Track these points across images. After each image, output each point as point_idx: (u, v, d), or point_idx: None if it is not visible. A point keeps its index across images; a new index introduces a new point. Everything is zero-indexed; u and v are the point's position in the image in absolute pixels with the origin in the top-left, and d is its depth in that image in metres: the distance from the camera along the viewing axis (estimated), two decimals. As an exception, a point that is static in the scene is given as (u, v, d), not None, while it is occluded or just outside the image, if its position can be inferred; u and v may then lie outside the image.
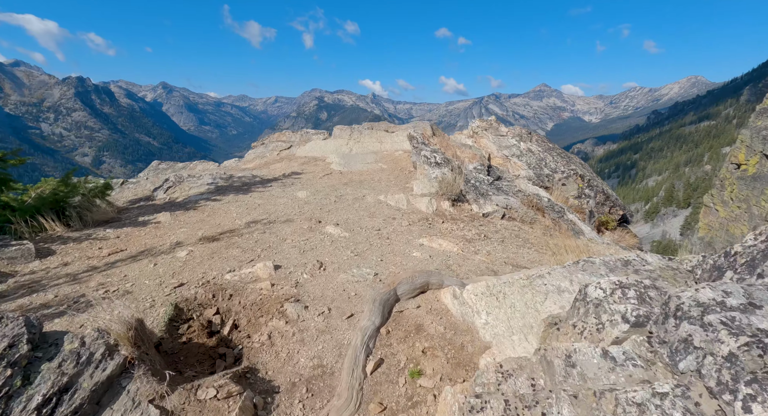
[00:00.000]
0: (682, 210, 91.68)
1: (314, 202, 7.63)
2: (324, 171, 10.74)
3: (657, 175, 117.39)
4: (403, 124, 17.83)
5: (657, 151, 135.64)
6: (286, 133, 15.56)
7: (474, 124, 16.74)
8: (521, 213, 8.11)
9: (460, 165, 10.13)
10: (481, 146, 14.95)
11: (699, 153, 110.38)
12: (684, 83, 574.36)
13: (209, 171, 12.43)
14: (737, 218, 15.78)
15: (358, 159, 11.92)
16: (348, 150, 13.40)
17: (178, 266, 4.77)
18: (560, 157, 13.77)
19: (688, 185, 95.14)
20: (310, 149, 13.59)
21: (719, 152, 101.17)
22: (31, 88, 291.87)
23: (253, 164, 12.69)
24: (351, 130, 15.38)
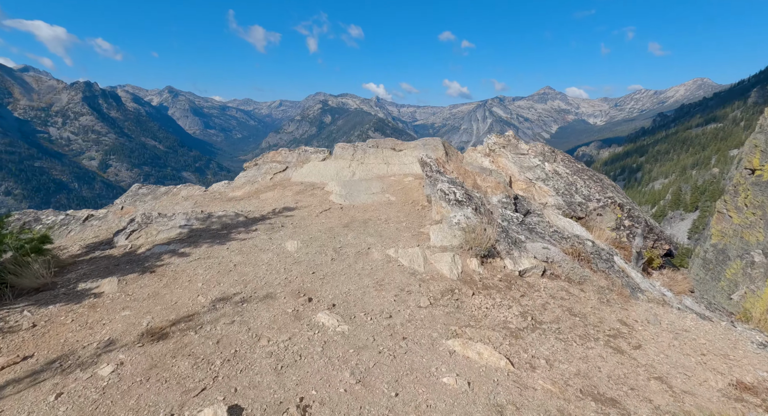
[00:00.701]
0: (690, 214, 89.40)
1: (306, 260, 6.00)
2: (322, 205, 9.14)
3: (663, 178, 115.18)
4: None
5: (663, 154, 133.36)
6: (282, 152, 14.02)
7: (490, 140, 15.09)
8: (566, 269, 6.46)
9: (484, 201, 8.49)
10: (500, 166, 13.28)
11: (706, 156, 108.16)
12: (690, 85, 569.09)
13: (192, 198, 10.89)
14: (752, 225, 15.15)
15: (362, 188, 10.30)
16: (350, 174, 11.80)
17: (90, 402, 3.17)
18: (592, 181, 12.05)
19: (696, 188, 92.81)
20: (308, 173, 12.01)
21: (727, 155, 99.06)
22: (39, 93, 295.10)
23: (241, 192, 11.12)
24: (354, 148, 13.80)
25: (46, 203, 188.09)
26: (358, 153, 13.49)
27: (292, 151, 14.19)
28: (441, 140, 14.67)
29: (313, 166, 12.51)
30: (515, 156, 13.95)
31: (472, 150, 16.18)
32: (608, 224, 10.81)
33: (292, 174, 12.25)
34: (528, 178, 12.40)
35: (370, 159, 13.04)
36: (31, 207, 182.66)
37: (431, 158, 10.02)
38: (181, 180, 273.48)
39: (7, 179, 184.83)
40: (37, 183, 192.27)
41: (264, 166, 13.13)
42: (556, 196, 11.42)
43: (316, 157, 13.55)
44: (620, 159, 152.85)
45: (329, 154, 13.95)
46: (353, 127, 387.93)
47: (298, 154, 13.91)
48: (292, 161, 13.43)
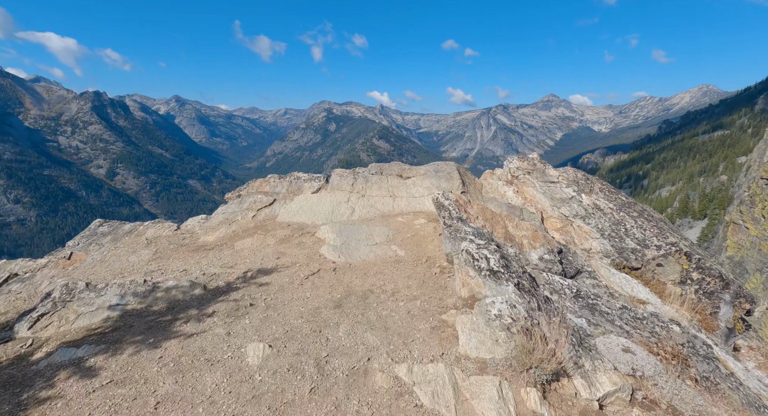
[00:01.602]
0: (698, 221, 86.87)
1: (271, 390, 3.88)
2: (309, 263, 7.05)
3: (670, 185, 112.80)
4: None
5: (669, 161, 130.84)
6: (271, 179, 12.04)
7: (512, 164, 12.92)
8: (667, 391, 4.29)
9: (522, 261, 6.38)
10: (526, 198, 11.10)
11: (713, 163, 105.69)
12: (695, 92, 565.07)
13: (156, 242, 8.88)
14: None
15: (362, 234, 8.21)
16: (348, 212, 9.76)
17: None
18: (644, 219, 9.83)
19: (704, 195, 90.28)
20: (298, 209, 9.98)
21: (735, 162, 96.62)
22: (50, 103, 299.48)
23: (215, 236, 9.08)
24: (354, 176, 11.77)
25: (55, 211, 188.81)
26: (358, 182, 11.44)
27: (282, 178, 12.20)
28: (455, 165, 12.55)
29: (305, 200, 10.48)
30: (544, 185, 11.73)
31: (490, 175, 13.84)
32: (671, 277, 8.61)
33: (279, 210, 10.21)
34: (563, 214, 10.20)
35: (373, 190, 11.01)
36: (40, 215, 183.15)
37: (449, 198, 7.89)
38: (187, 188, 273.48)
39: (17, 188, 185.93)
40: (45, 191, 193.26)
41: (248, 198, 11.11)
42: (602, 239, 9.24)
43: (309, 186, 11.51)
44: (626, 166, 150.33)
45: (325, 182, 11.93)
46: (357, 135, 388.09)
47: (289, 182, 11.88)
48: (282, 192, 11.41)
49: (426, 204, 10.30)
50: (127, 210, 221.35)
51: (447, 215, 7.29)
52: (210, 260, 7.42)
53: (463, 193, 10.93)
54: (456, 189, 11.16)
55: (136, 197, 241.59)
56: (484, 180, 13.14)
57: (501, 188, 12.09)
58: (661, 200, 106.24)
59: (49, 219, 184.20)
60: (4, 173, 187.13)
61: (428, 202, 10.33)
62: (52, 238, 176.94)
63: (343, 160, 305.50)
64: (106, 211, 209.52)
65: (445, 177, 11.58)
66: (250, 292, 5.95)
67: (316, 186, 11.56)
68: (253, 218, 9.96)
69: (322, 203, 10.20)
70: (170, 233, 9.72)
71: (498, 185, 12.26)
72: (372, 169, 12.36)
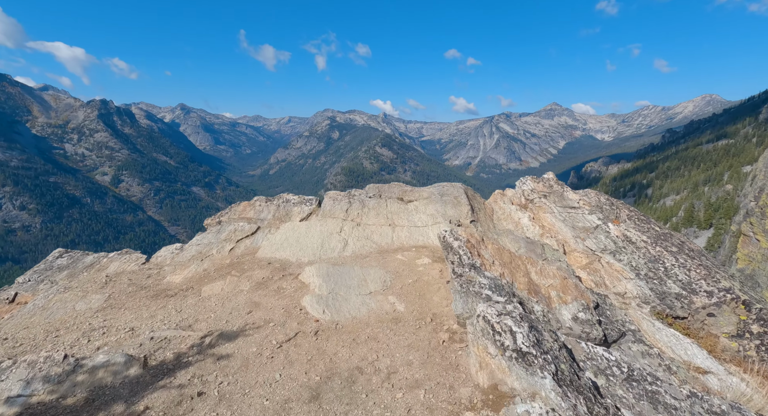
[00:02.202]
0: (704, 231, 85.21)
1: None
2: (286, 322, 5.68)
3: (675, 194, 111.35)
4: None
5: (674, 170, 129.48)
6: (257, 203, 10.78)
7: (526, 186, 11.49)
8: None
9: (552, 324, 4.98)
10: (544, 226, 9.63)
11: (718, 172, 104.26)
12: (699, 102, 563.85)
13: (116, 281, 7.57)
14: (784, 251, 12.80)
15: (354, 280, 6.86)
16: (340, 245, 8.43)
17: None
18: (686, 256, 8.27)
19: (709, 205, 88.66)
20: (283, 241, 8.67)
21: (740, 171, 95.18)
22: (57, 111, 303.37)
23: (181, 277, 7.75)
24: (349, 200, 10.47)
25: (59, 218, 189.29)
26: (354, 207, 10.13)
27: (269, 201, 10.92)
28: (462, 188, 11.20)
29: (291, 229, 9.17)
30: (563, 211, 10.24)
31: (500, 196, 12.29)
32: (725, 329, 7.16)
33: (261, 242, 8.90)
34: (589, 248, 8.67)
35: (370, 217, 9.71)
36: (45, 222, 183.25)
37: (458, 238, 6.51)
38: (191, 195, 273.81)
39: (23, 194, 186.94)
40: (51, 198, 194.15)
41: (228, 226, 9.82)
42: (637, 280, 7.80)
43: (299, 211, 10.22)
44: (630, 175, 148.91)
45: (317, 206, 10.63)
46: (361, 142, 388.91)
47: (277, 206, 10.58)
48: (267, 218, 10.11)
49: (430, 236, 8.95)
50: (131, 217, 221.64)
51: (457, 260, 5.94)
52: (167, 314, 6.07)
53: (472, 222, 9.57)
54: (464, 217, 9.81)
55: (140, 203, 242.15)
56: (494, 203, 11.79)
57: (514, 213, 10.66)
58: (666, 209, 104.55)
59: (53, 226, 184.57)
60: (11, 180, 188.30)
61: (433, 233, 8.98)
62: (56, 244, 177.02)
63: (346, 167, 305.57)
64: (110, 218, 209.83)
65: (452, 202, 10.28)
66: (203, 371, 4.58)
67: (307, 211, 10.27)
68: (231, 251, 8.64)
69: (311, 234, 8.85)
70: (136, 267, 8.41)
71: (511, 211, 10.83)
72: (370, 191, 11.07)
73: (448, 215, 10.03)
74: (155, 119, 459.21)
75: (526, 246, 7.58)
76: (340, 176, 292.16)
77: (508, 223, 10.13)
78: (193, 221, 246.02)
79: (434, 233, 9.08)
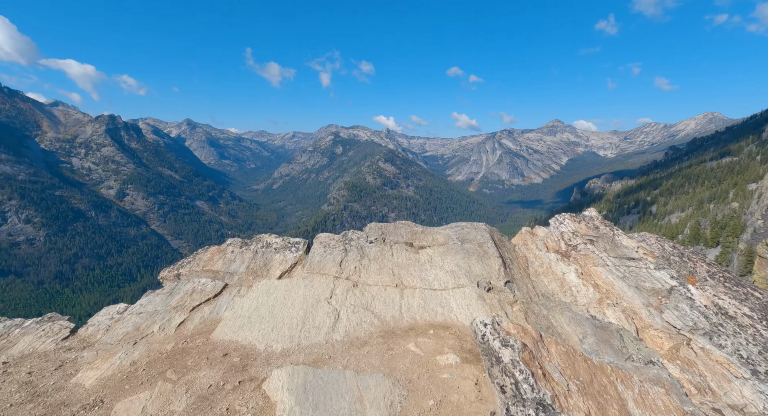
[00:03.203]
0: (711, 249, 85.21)
1: None
2: None
3: (680, 211, 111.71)
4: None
5: (678, 187, 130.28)
6: (230, 248, 8.74)
7: (565, 227, 9.55)
8: None
9: None
10: (598, 285, 7.57)
11: (723, 189, 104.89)
12: (701, 119, 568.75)
13: (19, 367, 6.35)
14: (801, 274, 11.27)
15: (345, 397, 5.10)
16: (329, 322, 6.47)
17: None
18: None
19: (715, 222, 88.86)
20: (251, 312, 6.74)
21: (745, 189, 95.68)
22: (66, 126, 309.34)
23: (95, 377, 6.02)
24: (344, 247, 8.48)
25: (64, 231, 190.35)
26: (350, 258, 8.00)
27: (245, 246, 8.86)
28: (487, 230, 9.36)
29: (266, 292, 7.08)
30: (619, 263, 7.97)
31: (530, 237, 9.84)
32: None
33: (224, 311, 6.87)
34: (670, 324, 6.41)
35: (371, 273, 7.62)
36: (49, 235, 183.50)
37: (507, 342, 4.94)
38: (194, 209, 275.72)
39: (28, 208, 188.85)
40: (56, 211, 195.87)
41: (185, 284, 7.79)
42: (755, 380, 5.61)
43: (280, 261, 8.15)
44: (633, 192, 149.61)
45: (304, 252, 8.71)
46: (364, 157, 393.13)
47: (254, 254, 8.46)
48: (239, 271, 8.01)
49: (453, 307, 6.68)
50: (134, 230, 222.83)
51: (511, 388, 4.26)
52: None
53: (507, 283, 7.65)
54: (496, 275, 7.79)
55: (144, 217, 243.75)
56: (524, 247, 9.43)
57: (555, 265, 8.29)
58: (671, 226, 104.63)
59: (57, 239, 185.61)
60: (17, 194, 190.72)
61: (456, 303, 6.75)
62: (59, 258, 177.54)
63: (349, 182, 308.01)
64: (114, 231, 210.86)
65: (476, 253, 8.20)
66: None
67: (291, 260, 8.17)
68: (180, 328, 6.73)
69: (290, 301, 6.71)
70: (52, 346, 6.68)
71: (550, 261, 8.46)
72: (371, 233, 9.07)
73: (473, 273, 7.73)
74: (162, 133, 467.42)
75: (595, 334, 5.95)
76: (342, 190, 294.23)
77: (550, 280, 8.16)
78: (196, 235, 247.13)
79: (458, 302, 6.82)
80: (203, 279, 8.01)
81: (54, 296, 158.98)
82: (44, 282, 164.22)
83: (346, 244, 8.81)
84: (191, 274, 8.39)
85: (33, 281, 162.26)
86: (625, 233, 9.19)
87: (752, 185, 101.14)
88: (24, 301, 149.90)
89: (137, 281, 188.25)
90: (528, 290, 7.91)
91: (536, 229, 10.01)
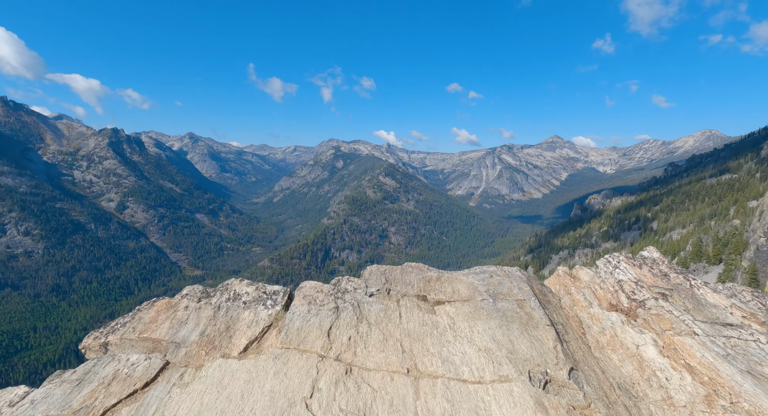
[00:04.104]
0: (714, 266, 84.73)
1: None
2: None
3: (681, 228, 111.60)
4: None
5: (678, 203, 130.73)
6: (186, 301, 6.71)
7: (624, 274, 7.17)
8: None
9: None
10: (693, 369, 5.35)
11: (724, 206, 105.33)
12: (699, 137, 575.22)
13: None
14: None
15: None
16: None
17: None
18: None
19: (717, 239, 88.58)
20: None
21: (746, 206, 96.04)
22: (69, 139, 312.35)
23: None
24: (336, 303, 6.75)
25: (62, 243, 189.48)
26: (342, 324, 6.27)
27: (205, 300, 6.62)
28: (523, 277, 7.05)
29: (218, 383, 5.04)
30: (712, 332, 6.03)
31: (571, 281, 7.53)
32: None
33: None
34: None
35: (372, 349, 5.82)
36: (47, 247, 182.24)
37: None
38: (194, 222, 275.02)
39: (28, 220, 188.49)
40: (56, 224, 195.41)
41: (107, 365, 5.49)
42: None
43: (248, 323, 6.09)
44: (634, 208, 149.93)
45: (282, 309, 6.54)
46: (364, 172, 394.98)
47: (214, 312, 6.56)
48: (189, 340, 5.91)
49: (493, 411, 4.74)
50: (133, 243, 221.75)
51: None
52: None
53: (571, 372, 5.18)
54: (553, 362, 5.51)
55: (143, 230, 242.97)
56: (568, 298, 7.02)
57: (622, 332, 6.23)
58: (673, 243, 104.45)
59: (56, 251, 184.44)
60: (18, 206, 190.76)
61: (501, 410, 4.51)
62: (57, 271, 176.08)
63: (350, 196, 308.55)
64: (112, 244, 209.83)
65: (518, 319, 6.14)
66: None
67: (263, 322, 6.33)
68: None
69: (250, 404, 4.65)
70: None
71: (613, 325, 6.36)
72: (371, 280, 7.13)
73: (519, 354, 5.62)
74: (164, 147, 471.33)
75: None
76: (343, 204, 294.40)
77: (622, 357, 5.98)
78: (195, 247, 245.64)
79: (504, 410, 4.73)
80: (134, 355, 5.77)
81: (50, 310, 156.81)
82: (41, 295, 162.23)
83: (338, 299, 6.81)
84: (123, 343, 6.04)
85: (29, 294, 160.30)
86: (705, 283, 6.60)
87: (752, 202, 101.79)
88: (19, 315, 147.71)
89: (134, 295, 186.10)
90: (600, 382, 5.29)
91: (578, 271, 7.88)
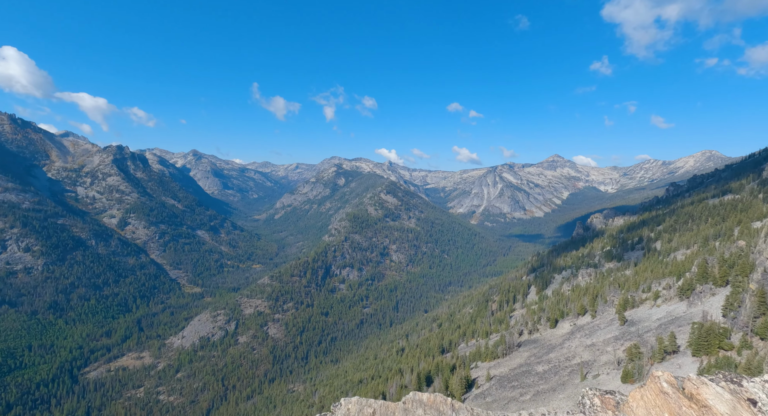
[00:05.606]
0: (720, 288, 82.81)
1: None
2: None
3: (685, 248, 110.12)
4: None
5: (681, 223, 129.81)
6: None
7: (696, 384, 5.72)
8: None
9: None
10: None
11: (728, 227, 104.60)
12: (699, 157, 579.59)
13: None
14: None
15: None
16: None
17: None
18: None
19: (723, 260, 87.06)
20: None
21: (750, 227, 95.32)
22: (74, 156, 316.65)
23: None
24: None
25: (62, 260, 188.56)
26: None
27: None
28: None
29: None
30: None
31: (677, 404, 5.70)
32: None
33: None
34: None
35: None
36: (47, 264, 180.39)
37: None
38: (195, 238, 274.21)
39: (29, 236, 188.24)
40: (56, 240, 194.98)
41: None
42: None
43: None
44: (636, 228, 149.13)
45: None
46: (366, 189, 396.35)
47: None
48: None
49: None
50: (133, 260, 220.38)
51: None
52: None
53: None
54: None
55: (144, 246, 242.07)
56: None
57: None
58: (677, 263, 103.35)
59: (55, 268, 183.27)
60: (20, 222, 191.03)
61: None
62: (55, 287, 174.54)
63: (351, 214, 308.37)
64: (113, 260, 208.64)
65: None
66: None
67: None
68: None
69: None
70: None
71: None
72: None
73: None
74: (167, 164, 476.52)
75: None
76: (344, 222, 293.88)
77: None
78: (195, 264, 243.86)
79: None
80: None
81: (46, 328, 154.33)
82: (38, 312, 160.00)
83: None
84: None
85: (26, 311, 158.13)
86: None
87: (756, 223, 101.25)
88: (15, 332, 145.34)
89: (132, 312, 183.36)
90: None
91: (701, 391, 4.94)
